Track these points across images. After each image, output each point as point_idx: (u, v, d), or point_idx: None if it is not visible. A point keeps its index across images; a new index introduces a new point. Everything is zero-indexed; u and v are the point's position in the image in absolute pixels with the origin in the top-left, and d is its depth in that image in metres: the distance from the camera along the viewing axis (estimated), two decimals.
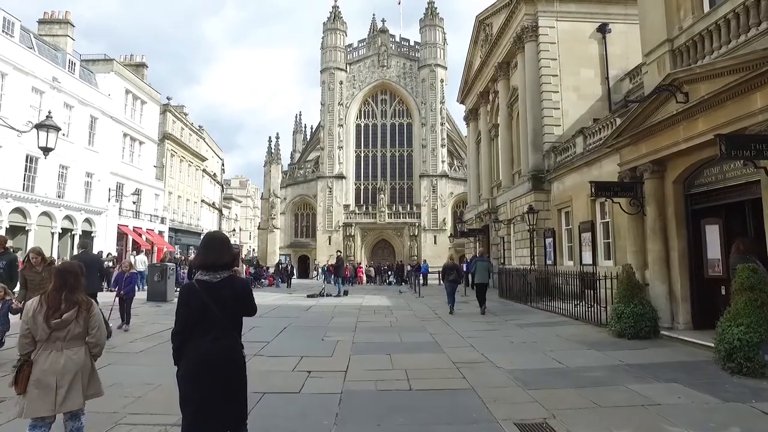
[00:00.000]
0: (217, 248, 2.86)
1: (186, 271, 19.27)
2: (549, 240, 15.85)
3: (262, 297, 19.74)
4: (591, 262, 12.77)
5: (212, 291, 2.73)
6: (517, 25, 20.95)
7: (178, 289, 10.20)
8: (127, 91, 30.71)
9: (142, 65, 34.12)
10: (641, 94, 17.62)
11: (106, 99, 28.01)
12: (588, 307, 11.76)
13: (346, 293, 20.34)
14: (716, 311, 8.64)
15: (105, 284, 17.32)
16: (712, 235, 8.55)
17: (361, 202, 51.41)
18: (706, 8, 8.99)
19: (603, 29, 19.71)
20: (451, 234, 49.22)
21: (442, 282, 18.44)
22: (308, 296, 19.39)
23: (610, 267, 13.39)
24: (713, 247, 8.53)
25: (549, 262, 15.74)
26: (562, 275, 13.14)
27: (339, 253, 23.16)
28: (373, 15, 59.49)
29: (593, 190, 9.94)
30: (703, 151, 8.23)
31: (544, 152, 19.28)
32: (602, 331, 9.55)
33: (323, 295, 19.52)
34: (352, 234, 49.61)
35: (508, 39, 22.26)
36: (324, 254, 48.16)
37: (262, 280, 27.99)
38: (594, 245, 12.94)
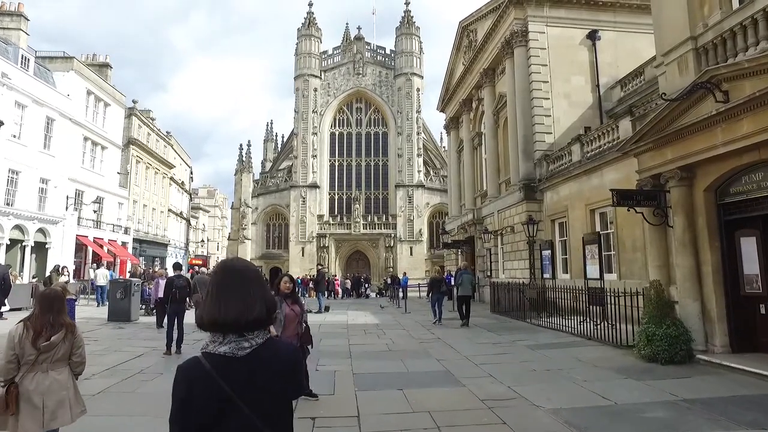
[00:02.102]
0: (241, 289, 1.56)
1: (151, 286, 17.46)
2: (546, 252, 15.06)
3: None
4: (598, 276, 11.97)
5: (237, 374, 1.48)
6: (506, 30, 20.37)
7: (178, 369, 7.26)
8: (89, 92, 28.65)
9: (106, 65, 32.06)
10: (636, 101, 17.31)
11: (65, 99, 25.94)
12: (595, 326, 11.04)
13: (327, 309, 19.04)
14: (755, 332, 7.92)
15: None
16: (749, 248, 7.81)
17: (336, 213, 50.09)
18: (735, 4, 8.35)
19: (593, 36, 19.34)
20: (433, 246, 48.46)
21: (428, 296, 17.53)
22: None
23: (614, 281, 12.68)
24: (750, 262, 7.78)
25: (546, 275, 14.94)
26: (566, 290, 12.28)
27: (320, 267, 21.85)
28: (347, 24, 59.21)
29: (615, 199, 9.10)
30: (743, 156, 7.50)
31: (536, 160, 18.61)
32: (627, 354, 8.66)
33: None
34: (326, 245, 48.17)
35: (495, 44, 21.66)
36: (297, 266, 46.48)
37: None
38: (601, 258, 12.18)
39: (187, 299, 9.89)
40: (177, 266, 10.36)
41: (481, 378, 7.32)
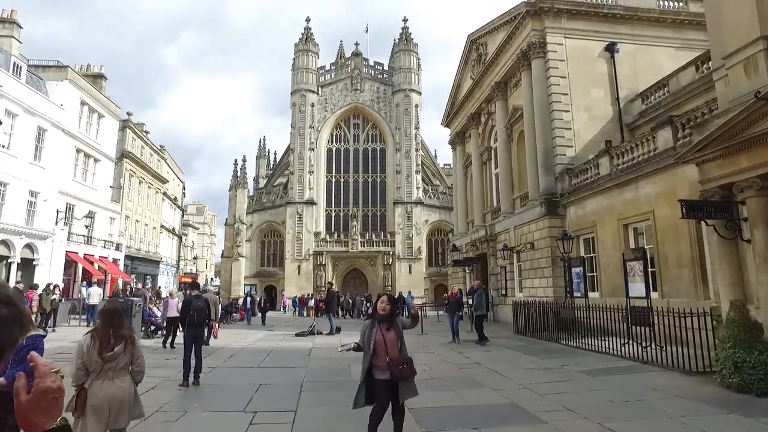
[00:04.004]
0: None
1: (151, 306, 16.29)
2: (577, 270, 14.24)
3: (244, 337, 17.00)
4: (643, 295, 11.14)
5: None
6: (522, 42, 19.91)
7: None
8: (83, 103, 27.55)
9: (101, 76, 31.01)
10: (660, 114, 16.79)
11: (58, 109, 24.82)
12: (643, 348, 10.27)
13: (338, 330, 17.91)
14: None
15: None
16: None
17: (333, 230, 48.93)
18: None
19: (611, 48, 18.95)
20: (432, 264, 47.64)
21: (448, 314, 16.72)
22: (297, 335, 16.84)
23: (654, 300, 11.87)
24: None
25: (577, 294, 14.08)
26: (610, 310, 11.39)
27: (330, 286, 20.70)
28: (341, 41, 58.73)
29: (683, 210, 8.34)
30: None
31: (557, 174, 17.96)
32: (705, 382, 7.78)
33: (314, 333, 17.02)
34: (323, 263, 46.88)
35: (510, 57, 21.19)
36: (293, 284, 45.15)
37: (234, 314, 24.96)
38: (647, 276, 11.36)
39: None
40: (195, 285, 9.31)
41: (559, 412, 6.36)
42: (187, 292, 9.57)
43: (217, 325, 14.57)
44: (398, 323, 5.11)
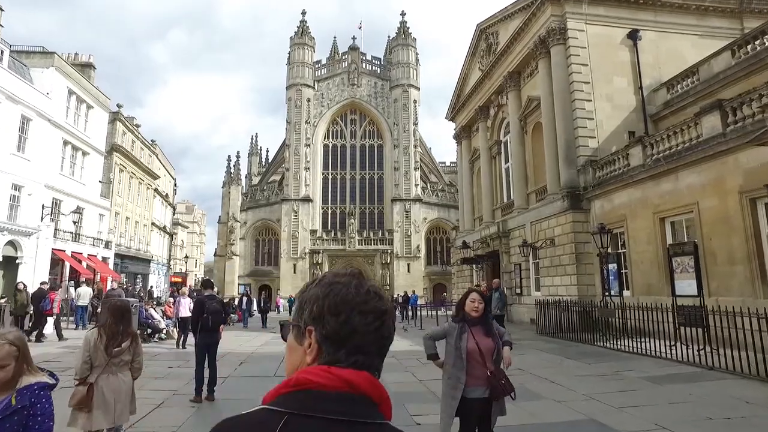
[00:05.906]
0: None
1: (148, 307, 15.03)
2: (612, 266, 13.29)
3: (247, 340, 15.85)
4: (695, 293, 10.20)
5: None
6: (540, 28, 18.95)
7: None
8: (71, 92, 26.05)
9: (89, 66, 29.48)
10: (689, 104, 15.94)
11: (43, 98, 23.33)
12: (697, 352, 9.39)
13: None
14: None
15: None
16: None
17: (329, 228, 47.80)
18: None
19: (633, 36, 18.08)
20: (431, 263, 46.79)
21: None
22: None
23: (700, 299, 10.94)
24: None
25: (613, 292, 13.13)
26: (656, 310, 10.42)
27: None
28: (334, 37, 57.35)
29: None
30: None
31: (579, 167, 17.02)
32: None
33: None
34: (320, 262, 45.70)
35: (526, 44, 20.22)
36: (288, 284, 43.87)
37: (232, 316, 23.64)
38: (698, 272, 10.40)
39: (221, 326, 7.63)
40: (207, 283, 8.10)
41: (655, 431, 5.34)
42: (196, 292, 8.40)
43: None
44: (495, 328, 4.07)
